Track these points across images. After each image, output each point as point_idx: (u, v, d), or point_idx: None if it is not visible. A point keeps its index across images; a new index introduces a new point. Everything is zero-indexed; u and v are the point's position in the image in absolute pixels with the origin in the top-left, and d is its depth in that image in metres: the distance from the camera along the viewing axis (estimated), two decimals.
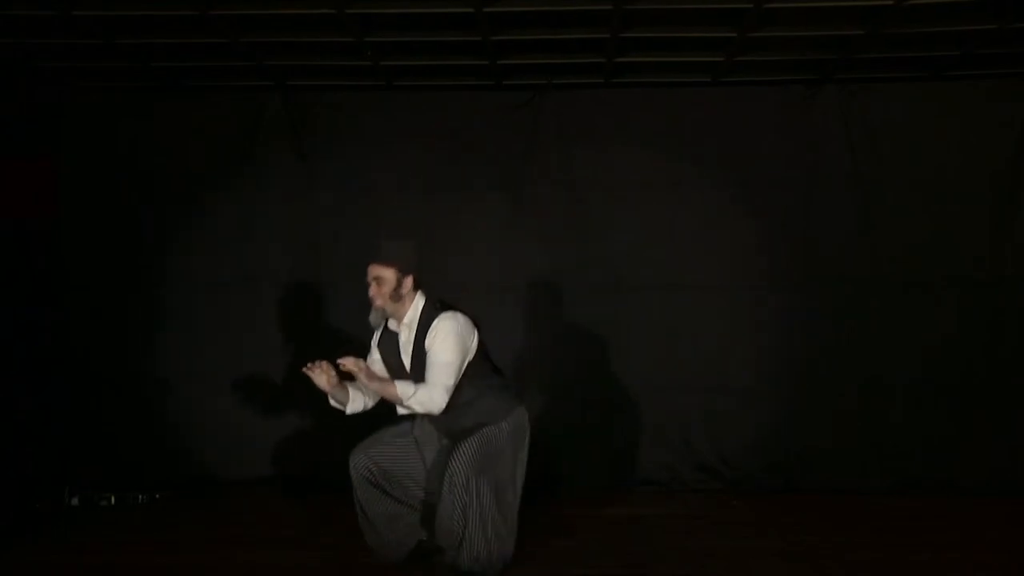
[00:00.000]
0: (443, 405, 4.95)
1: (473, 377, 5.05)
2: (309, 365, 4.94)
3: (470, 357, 5.05)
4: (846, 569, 5.14)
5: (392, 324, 5.11)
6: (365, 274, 5.05)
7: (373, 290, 4.99)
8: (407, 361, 5.06)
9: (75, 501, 6.69)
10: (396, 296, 4.98)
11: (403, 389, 4.94)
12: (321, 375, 4.93)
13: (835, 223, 7.13)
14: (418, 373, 5.00)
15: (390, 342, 5.14)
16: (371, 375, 4.96)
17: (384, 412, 5.18)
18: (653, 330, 7.15)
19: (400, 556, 5.21)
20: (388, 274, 4.96)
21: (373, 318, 5.08)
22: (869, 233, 7.10)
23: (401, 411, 5.08)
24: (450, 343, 4.94)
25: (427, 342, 4.97)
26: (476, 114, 7.22)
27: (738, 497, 6.78)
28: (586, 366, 7.21)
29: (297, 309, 7.19)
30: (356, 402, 5.10)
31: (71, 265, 7.24)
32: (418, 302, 5.05)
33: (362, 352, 5.15)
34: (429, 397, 4.93)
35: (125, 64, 6.80)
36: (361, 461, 5.08)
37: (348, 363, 4.87)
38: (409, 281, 5.00)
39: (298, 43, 6.43)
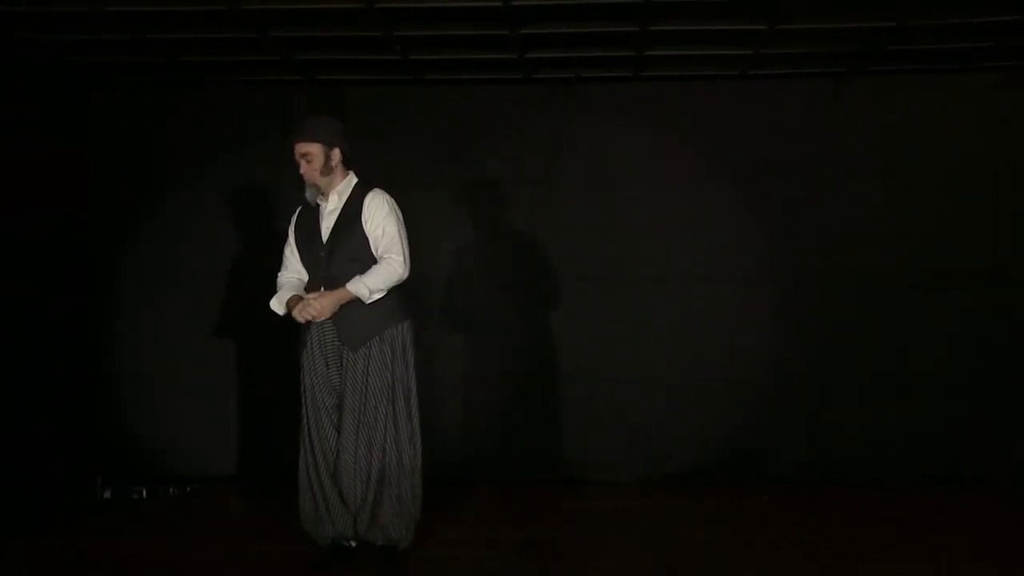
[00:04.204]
0: (406, 272, 4.89)
1: None
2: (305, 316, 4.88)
3: None
4: (861, 561, 5.13)
5: (320, 198, 5.06)
6: None
7: (303, 167, 4.96)
8: (327, 228, 4.99)
9: (107, 494, 6.75)
10: (327, 170, 4.98)
11: (355, 286, 4.84)
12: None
13: (861, 218, 7.11)
14: (336, 243, 4.94)
15: (310, 215, 5.08)
16: (322, 296, 4.87)
17: None
18: (677, 322, 7.16)
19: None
20: (315, 149, 4.94)
21: (309, 195, 5.03)
22: (896, 228, 7.09)
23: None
24: (393, 216, 4.93)
25: (364, 215, 4.93)
26: (504, 108, 7.23)
27: (749, 491, 6.74)
28: (605, 358, 7.20)
29: None
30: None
31: (99, 259, 7.31)
32: (351, 178, 5.06)
33: None
34: (388, 271, 4.86)
35: (154, 59, 6.83)
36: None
37: (303, 312, 4.85)
38: (337, 153, 4.99)
39: (327, 37, 6.45)
